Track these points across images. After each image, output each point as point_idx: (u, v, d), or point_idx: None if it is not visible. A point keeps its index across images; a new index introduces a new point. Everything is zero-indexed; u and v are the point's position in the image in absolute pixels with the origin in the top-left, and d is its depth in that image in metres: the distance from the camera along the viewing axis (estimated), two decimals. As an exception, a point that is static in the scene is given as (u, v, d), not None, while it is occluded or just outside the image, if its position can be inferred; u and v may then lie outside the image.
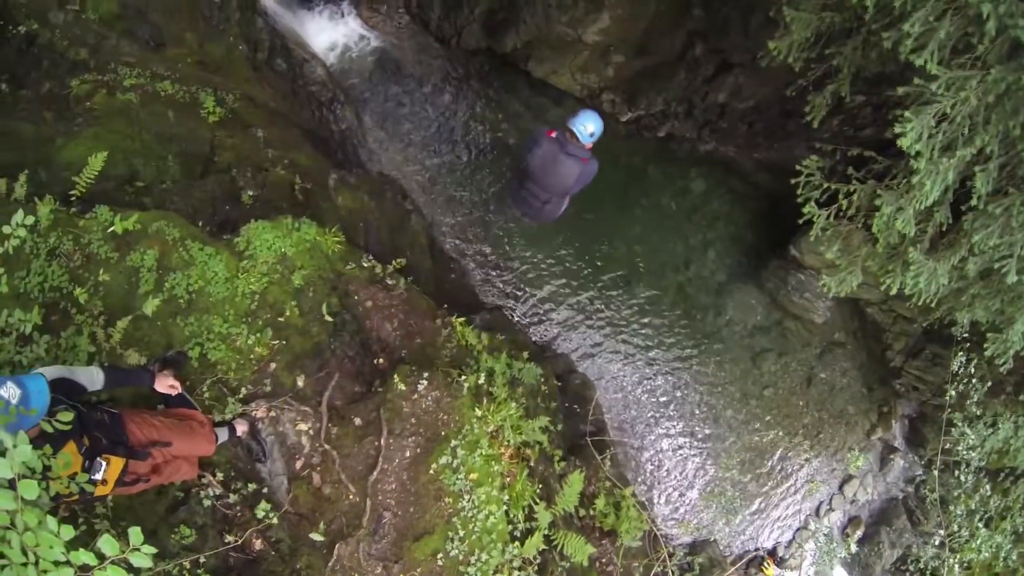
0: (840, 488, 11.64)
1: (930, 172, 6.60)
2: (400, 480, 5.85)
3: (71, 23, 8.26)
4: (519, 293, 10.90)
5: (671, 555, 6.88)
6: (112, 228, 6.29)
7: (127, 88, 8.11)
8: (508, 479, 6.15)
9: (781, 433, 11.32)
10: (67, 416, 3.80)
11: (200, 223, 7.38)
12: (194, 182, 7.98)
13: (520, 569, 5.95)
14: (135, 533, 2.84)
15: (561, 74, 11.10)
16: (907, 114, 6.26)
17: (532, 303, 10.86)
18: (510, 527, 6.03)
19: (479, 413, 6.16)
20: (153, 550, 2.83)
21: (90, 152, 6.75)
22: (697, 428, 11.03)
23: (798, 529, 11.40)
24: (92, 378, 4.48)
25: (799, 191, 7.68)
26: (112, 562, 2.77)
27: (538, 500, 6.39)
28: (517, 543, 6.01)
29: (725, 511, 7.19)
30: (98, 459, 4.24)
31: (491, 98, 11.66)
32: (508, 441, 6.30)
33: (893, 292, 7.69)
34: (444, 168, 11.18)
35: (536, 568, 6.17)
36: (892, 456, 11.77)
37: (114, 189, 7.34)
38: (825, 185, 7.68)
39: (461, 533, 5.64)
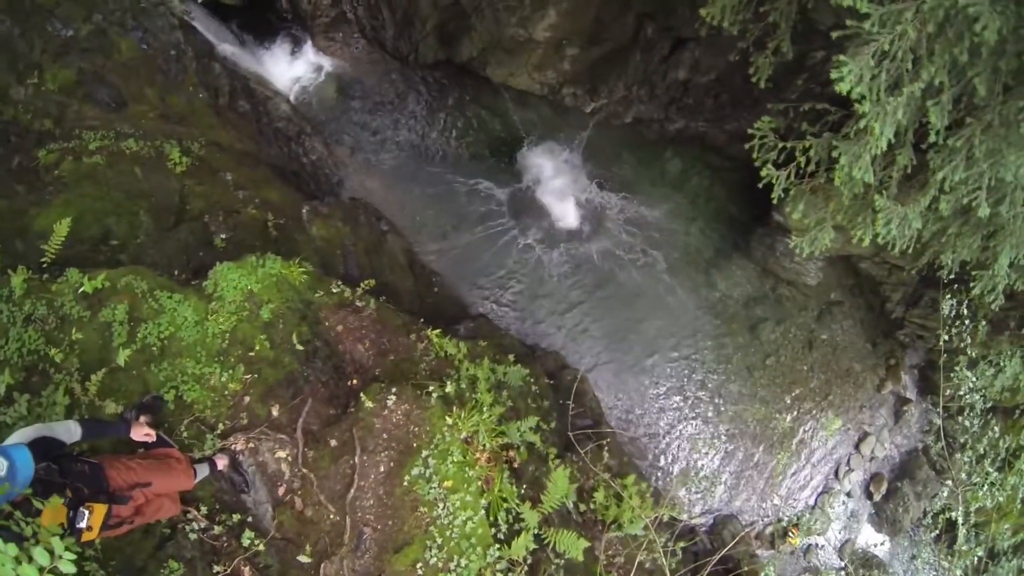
0: (857, 447, 11.39)
1: (877, 114, 6.45)
2: (377, 495, 5.94)
3: (32, 96, 8.57)
4: (503, 296, 10.95)
5: (658, 540, 6.79)
6: (82, 289, 6.50)
7: (92, 151, 8.37)
8: (486, 483, 6.18)
9: (789, 400, 11.13)
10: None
11: (176, 272, 7.63)
12: (167, 233, 8.21)
13: (508, 571, 5.96)
14: (57, 543, 3.23)
15: (519, 75, 11.16)
16: (842, 58, 6.11)
17: (518, 304, 10.90)
18: (493, 530, 6.05)
19: (450, 421, 6.21)
20: (72, 556, 3.17)
21: (62, 219, 7.01)
22: (702, 407, 10.92)
23: (820, 494, 11.18)
24: (69, 432, 4.68)
25: (755, 154, 7.58)
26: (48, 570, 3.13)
27: (521, 501, 6.39)
28: (503, 545, 6.02)
29: (708, 485, 7.09)
30: (81, 508, 4.44)
31: (455, 109, 11.78)
32: (484, 445, 6.33)
33: (866, 243, 7.53)
34: (417, 184, 11.30)
35: (527, 568, 6.17)
36: (905, 408, 11.49)
37: (89, 250, 7.61)
38: (781, 145, 7.56)
39: (439, 541, 5.70)
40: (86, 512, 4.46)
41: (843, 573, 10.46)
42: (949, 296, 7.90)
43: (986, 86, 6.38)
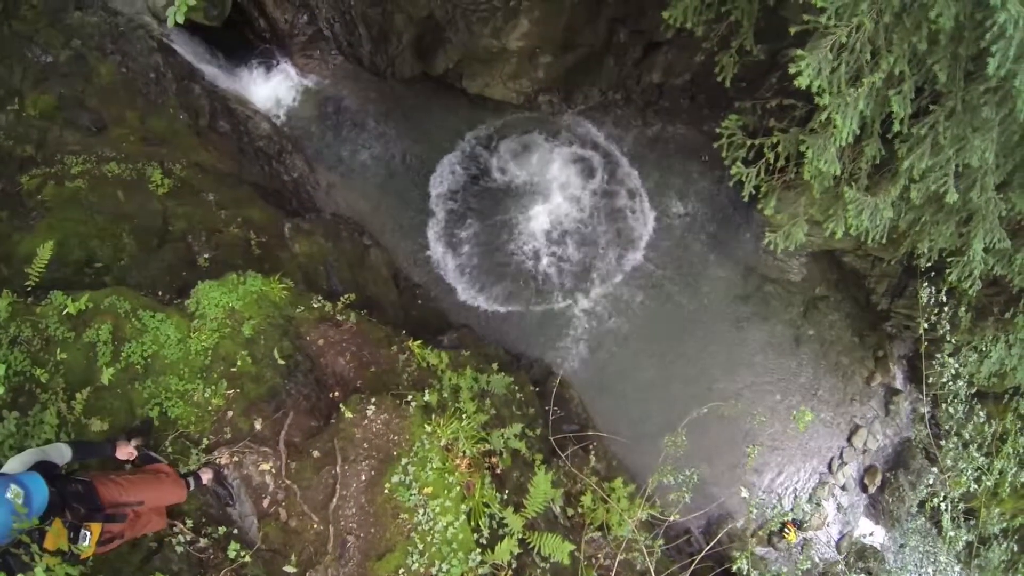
0: (849, 440, 11.40)
1: (838, 106, 6.52)
2: (359, 503, 5.98)
3: (13, 123, 8.69)
4: (486, 305, 10.99)
5: (640, 540, 6.82)
6: (66, 310, 6.58)
7: (74, 176, 8.46)
8: (467, 489, 6.21)
9: (779, 397, 11.15)
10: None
11: (160, 292, 7.69)
12: (151, 254, 8.30)
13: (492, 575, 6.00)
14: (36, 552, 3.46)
15: (494, 86, 11.27)
16: (799, 52, 6.20)
17: (501, 313, 10.94)
18: (475, 535, 6.08)
19: (429, 429, 6.26)
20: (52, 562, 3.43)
21: (45, 243, 7.10)
22: (691, 407, 10.85)
23: (815, 488, 11.18)
24: (62, 454, 4.79)
25: (724, 153, 7.65)
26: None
27: (504, 506, 6.43)
28: (485, 550, 6.05)
29: (690, 484, 7.13)
30: (82, 529, 4.52)
31: (434, 121, 11.88)
32: (463, 452, 6.37)
33: (838, 236, 7.59)
34: (400, 197, 11.39)
35: (512, 572, 6.19)
36: (896, 399, 11.52)
37: (74, 273, 7.69)
38: (749, 142, 7.63)
39: (420, 546, 5.73)
40: (87, 533, 4.54)
41: (842, 566, 10.43)
42: (926, 284, 7.94)
43: (946, 73, 6.46)
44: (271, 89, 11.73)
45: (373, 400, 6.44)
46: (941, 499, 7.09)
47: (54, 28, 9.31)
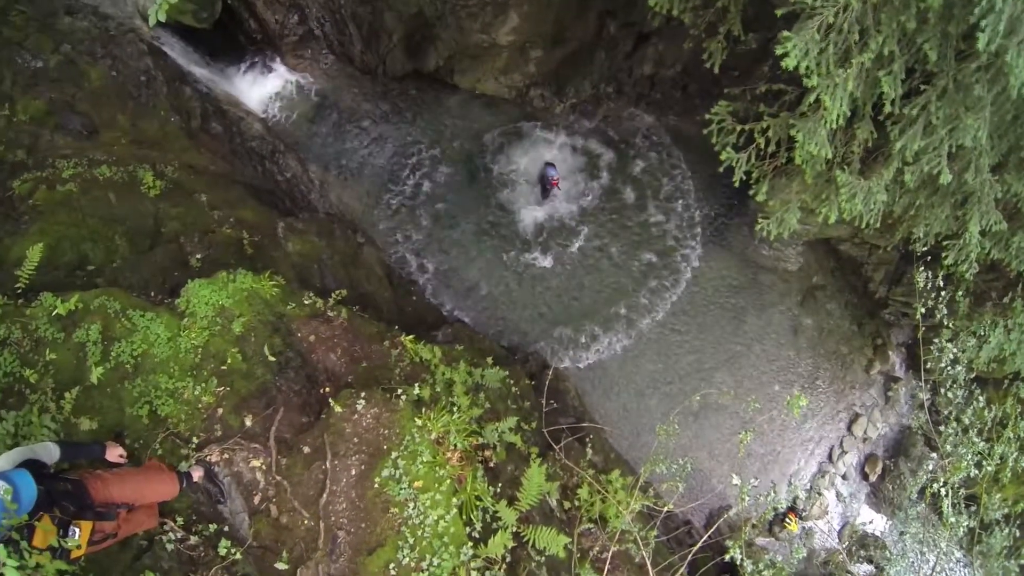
0: (849, 428, 11.31)
1: (827, 87, 6.47)
2: (349, 498, 5.95)
3: (4, 127, 8.68)
4: (479, 298, 10.96)
5: (635, 531, 6.75)
6: (56, 311, 6.56)
7: (66, 180, 8.45)
8: (458, 482, 6.17)
9: (778, 387, 11.08)
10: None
11: (152, 293, 7.68)
12: (143, 256, 8.28)
13: (485, 569, 5.93)
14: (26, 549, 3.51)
15: (485, 81, 11.26)
16: (786, 33, 6.14)
17: (496, 305, 10.89)
18: (468, 529, 6.04)
19: (419, 423, 6.22)
20: (15, 563, 3.43)
21: (35, 246, 7.09)
22: (686, 398, 10.80)
23: (815, 477, 11.09)
24: (50, 454, 4.77)
25: (713, 139, 7.59)
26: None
27: (498, 499, 6.38)
28: (478, 543, 6.01)
29: (685, 474, 7.08)
30: (72, 526, 4.50)
31: (427, 118, 11.86)
32: (454, 445, 6.33)
33: (831, 220, 7.52)
34: (392, 195, 11.36)
35: (506, 566, 6.14)
36: (895, 386, 11.42)
37: (65, 276, 7.68)
38: (739, 128, 7.58)
39: (411, 540, 5.69)
40: (76, 530, 4.52)
41: (843, 555, 10.34)
42: (923, 269, 7.85)
43: (937, 51, 6.40)
44: (263, 90, 11.75)
45: (363, 395, 6.40)
46: (941, 485, 7.01)
47: (44, 33, 9.33)
